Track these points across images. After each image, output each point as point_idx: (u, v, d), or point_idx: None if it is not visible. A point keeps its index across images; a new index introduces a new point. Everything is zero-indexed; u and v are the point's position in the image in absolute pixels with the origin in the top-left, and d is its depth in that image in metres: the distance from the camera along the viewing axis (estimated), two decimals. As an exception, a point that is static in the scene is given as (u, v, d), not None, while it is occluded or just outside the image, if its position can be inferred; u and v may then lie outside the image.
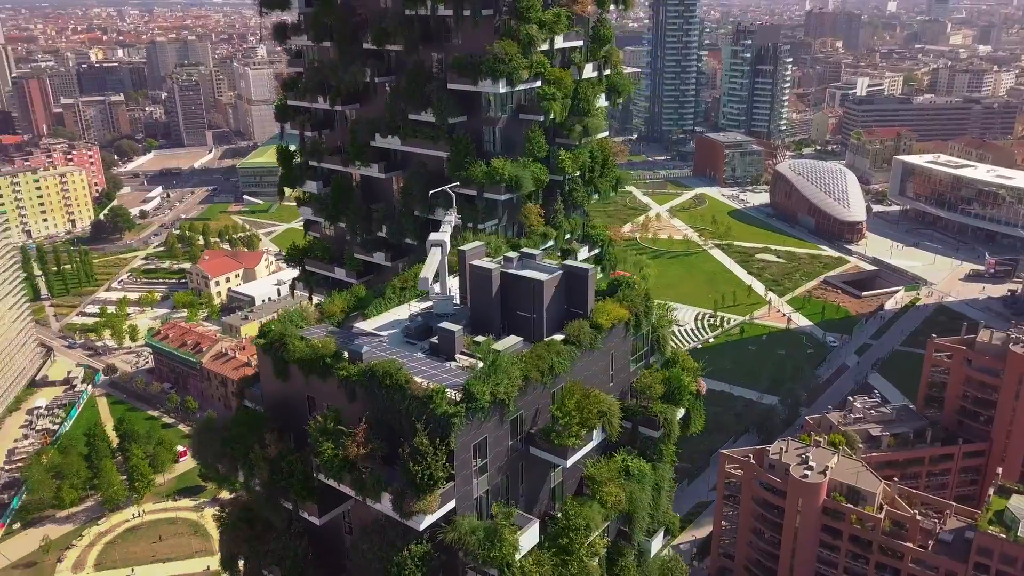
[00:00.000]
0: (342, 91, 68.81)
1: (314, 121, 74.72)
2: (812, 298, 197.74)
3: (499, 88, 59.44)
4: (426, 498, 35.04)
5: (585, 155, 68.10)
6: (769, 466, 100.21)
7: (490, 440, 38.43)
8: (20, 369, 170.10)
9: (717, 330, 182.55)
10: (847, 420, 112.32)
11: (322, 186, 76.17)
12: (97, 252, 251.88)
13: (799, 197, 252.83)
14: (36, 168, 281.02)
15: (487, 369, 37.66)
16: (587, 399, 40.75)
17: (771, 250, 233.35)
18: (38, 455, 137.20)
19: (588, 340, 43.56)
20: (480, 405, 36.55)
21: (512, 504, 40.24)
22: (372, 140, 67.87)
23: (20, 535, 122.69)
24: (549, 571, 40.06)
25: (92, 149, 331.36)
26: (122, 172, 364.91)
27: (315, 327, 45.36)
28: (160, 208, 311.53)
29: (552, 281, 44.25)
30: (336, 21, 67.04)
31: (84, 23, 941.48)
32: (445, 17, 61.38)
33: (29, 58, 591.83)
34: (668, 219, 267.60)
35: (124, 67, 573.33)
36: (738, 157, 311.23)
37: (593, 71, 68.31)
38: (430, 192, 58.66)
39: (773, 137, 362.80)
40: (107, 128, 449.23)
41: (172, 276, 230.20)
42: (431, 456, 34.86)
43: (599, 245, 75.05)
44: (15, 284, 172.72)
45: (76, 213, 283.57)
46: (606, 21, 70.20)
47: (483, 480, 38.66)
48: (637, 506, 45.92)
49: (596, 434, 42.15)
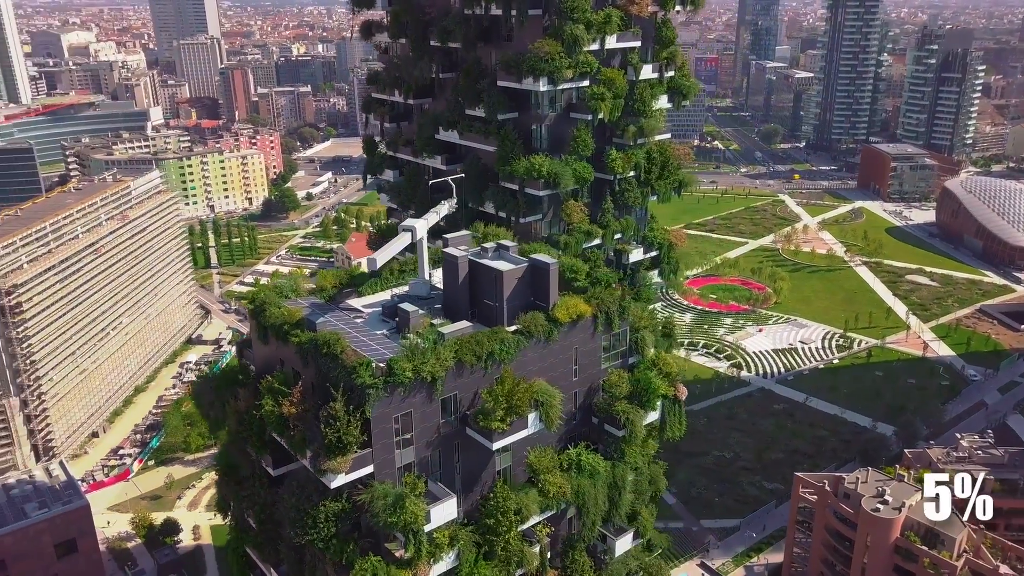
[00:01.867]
0: (413, 86, 72.90)
1: (393, 113, 79.06)
2: (960, 327, 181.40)
3: (540, 86, 60.92)
4: (336, 459, 38.08)
5: (640, 156, 68.08)
6: (844, 495, 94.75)
7: (416, 415, 40.80)
8: (180, 327, 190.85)
9: (845, 351, 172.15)
10: (949, 458, 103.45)
11: (398, 175, 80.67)
12: (264, 228, 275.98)
13: (966, 216, 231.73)
14: (223, 150, 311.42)
15: (413, 348, 40.07)
16: (519, 387, 42.00)
17: (925, 272, 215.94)
18: (178, 404, 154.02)
19: (541, 332, 44.87)
20: (400, 380, 39.02)
21: (435, 478, 42.38)
22: (436, 133, 71.27)
23: (153, 471, 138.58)
24: (466, 546, 41.85)
25: (274, 135, 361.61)
26: (300, 157, 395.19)
27: (305, 298, 49.61)
28: (326, 192, 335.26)
29: (514, 272, 45.87)
30: (410, 19, 71.09)
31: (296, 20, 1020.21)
32: (498, 16, 63.62)
33: (240, 51, 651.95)
34: (816, 232, 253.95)
35: (317, 61, 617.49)
36: (907, 171, 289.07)
37: (653, 72, 68.15)
38: (430, 182, 61.35)
39: (955, 152, 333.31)
40: (294, 116, 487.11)
41: (323, 255, 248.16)
42: (343, 421, 37.81)
43: (656, 248, 74.57)
44: (181, 252, 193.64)
45: (253, 192, 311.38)
46: (669, 22, 69.64)
47: (407, 452, 41.11)
48: (585, 500, 46.67)
49: (532, 422, 43.28)
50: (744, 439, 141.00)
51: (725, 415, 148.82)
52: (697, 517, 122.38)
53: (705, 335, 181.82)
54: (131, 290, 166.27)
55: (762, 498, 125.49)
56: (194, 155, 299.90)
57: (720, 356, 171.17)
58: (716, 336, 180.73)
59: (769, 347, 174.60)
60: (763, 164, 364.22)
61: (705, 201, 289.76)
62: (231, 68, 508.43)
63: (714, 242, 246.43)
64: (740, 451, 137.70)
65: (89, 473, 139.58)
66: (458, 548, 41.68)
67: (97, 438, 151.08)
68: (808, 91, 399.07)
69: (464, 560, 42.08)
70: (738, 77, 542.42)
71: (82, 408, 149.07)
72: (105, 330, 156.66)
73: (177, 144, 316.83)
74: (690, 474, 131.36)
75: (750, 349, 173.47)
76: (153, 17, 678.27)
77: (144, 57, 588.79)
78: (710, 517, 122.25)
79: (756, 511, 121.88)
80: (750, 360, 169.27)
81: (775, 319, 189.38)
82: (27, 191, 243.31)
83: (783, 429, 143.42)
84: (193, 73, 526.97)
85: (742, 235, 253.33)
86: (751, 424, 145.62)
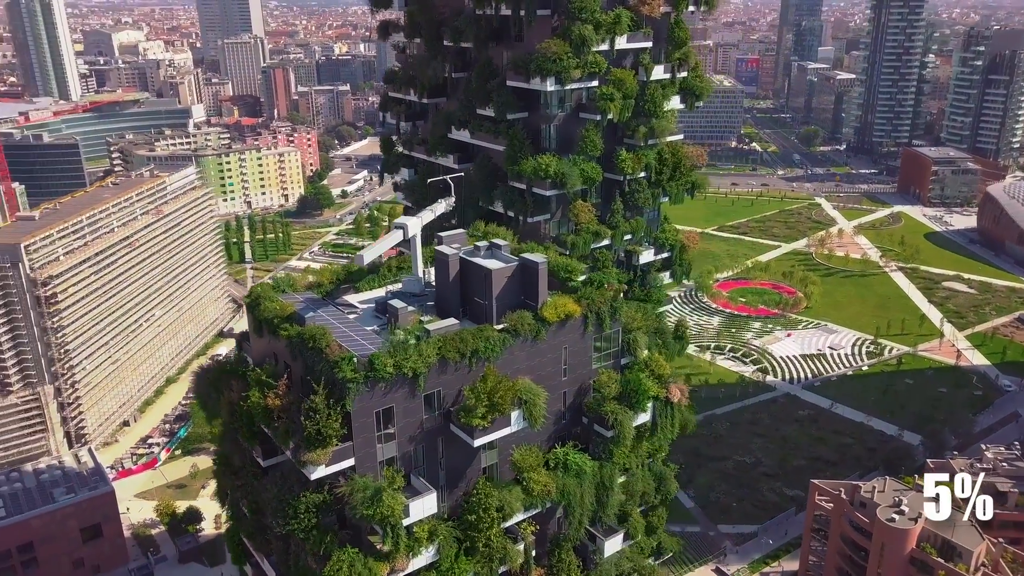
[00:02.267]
0: (427, 85, 73.53)
1: (409, 112, 79.72)
2: (996, 335, 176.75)
3: (548, 86, 61.06)
4: (316, 451, 38.80)
5: (650, 157, 67.82)
6: (860, 504, 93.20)
7: (398, 410, 41.35)
8: (212, 320, 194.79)
9: (875, 358, 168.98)
10: (972, 468, 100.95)
11: (413, 174, 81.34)
12: (299, 225, 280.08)
13: (1008, 222, 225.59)
14: (261, 147, 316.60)
15: (396, 343, 40.61)
16: (501, 384, 42.27)
17: (963, 279, 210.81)
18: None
19: (528, 330, 45.10)
20: (381, 375, 39.59)
21: (419, 473, 42.88)
22: (449, 132, 71.75)
23: (180, 460, 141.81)
24: (446, 541, 42.30)
25: (311, 133, 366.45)
26: (337, 155, 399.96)
27: (302, 293, 50.49)
28: (361, 189, 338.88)
29: (503, 271, 46.17)
30: (424, 19, 71.76)
31: (340, 19, 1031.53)
32: (508, 16, 63.92)
33: (283, 50, 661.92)
34: (852, 236, 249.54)
35: (357, 60, 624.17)
36: (948, 175, 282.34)
37: (665, 73, 67.85)
38: (428, 180, 61.81)
39: (1001, 156, 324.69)
40: (333, 115, 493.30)
41: (354, 251, 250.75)
42: (323, 414, 38.52)
43: (667, 249, 74.15)
44: (215, 246, 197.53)
45: (289, 189, 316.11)
46: (682, 23, 69.18)
47: (390, 446, 41.68)
48: (571, 500, 46.76)
49: (515, 420, 43.54)
50: (767, 445, 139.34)
51: (749, 420, 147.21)
52: (714, 522, 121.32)
53: (732, 339, 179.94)
54: (165, 283, 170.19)
55: (782, 505, 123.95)
56: (232, 152, 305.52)
57: (747, 360, 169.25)
58: (743, 340, 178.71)
59: (797, 352, 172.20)
60: (801, 167, 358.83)
61: (740, 203, 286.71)
62: (273, 67, 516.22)
63: (747, 245, 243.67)
64: (762, 456, 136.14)
65: (119, 461, 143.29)
66: (438, 543, 42.15)
67: (128, 427, 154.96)
68: (850, 93, 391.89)
69: (444, 555, 42.55)
70: (779, 78, 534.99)
71: (114, 397, 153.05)
72: (138, 322, 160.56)
73: (217, 141, 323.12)
74: (710, 478, 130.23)
75: (777, 354, 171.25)
76: (199, 17, 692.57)
77: (191, 56, 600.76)
78: (728, 522, 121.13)
79: (775, 517, 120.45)
80: (777, 365, 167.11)
81: (805, 324, 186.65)
82: (72, 185, 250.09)
83: (807, 435, 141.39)
84: (236, 72, 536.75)
85: (775, 238, 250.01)
86: (774, 430, 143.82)
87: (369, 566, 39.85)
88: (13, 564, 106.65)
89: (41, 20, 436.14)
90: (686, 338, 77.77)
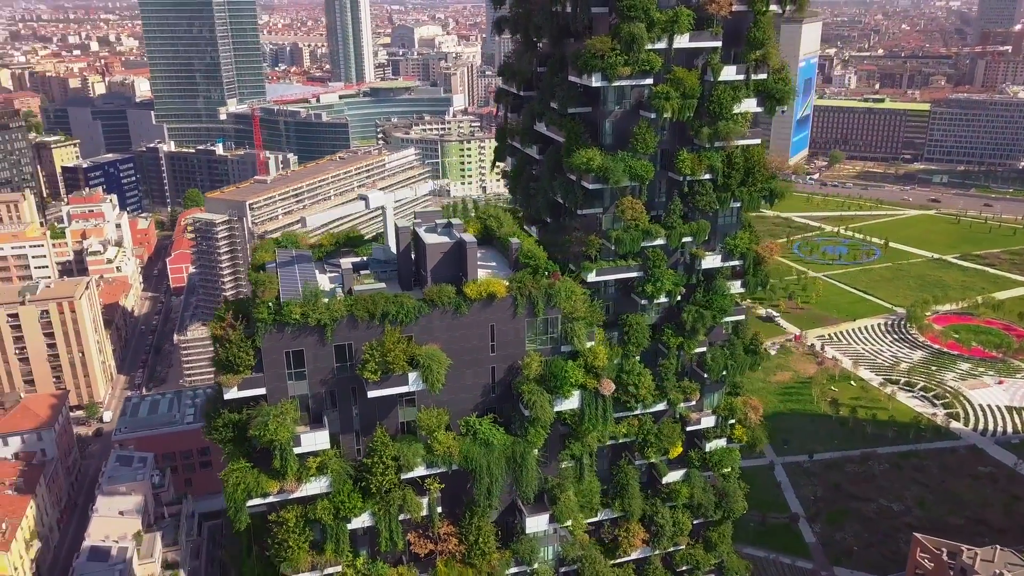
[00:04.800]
0: (521, 79, 78.26)
1: (514, 104, 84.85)
2: None
3: (594, 82, 63.09)
4: (227, 376, 46.14)
5: (715, 159, 66.81)
6: (960, 570, 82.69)
7: (308, 355, 47.35)
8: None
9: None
10: None
11: (514, 163, 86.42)
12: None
13: None
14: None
15: (307, 294, 46.63)
16: (397, 345, 46.49)
17: None
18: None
19: (448, 303, 48.86)
20: (287, 320, 45.89)
21: (334, 415, 48.45)
22: (534, 124, 75.89)
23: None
24: (338, 475, 47.71)
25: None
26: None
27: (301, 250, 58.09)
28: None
29: (439, 246, 50.59)
30: (520, 15, 76.50)
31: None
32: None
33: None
34: None
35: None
36: None
37: (738, 74, 66.29)
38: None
39: None
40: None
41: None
42: (236, 345, 45.80)
43: (738, 257, 72.00)
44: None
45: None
46: (760, 23, 66.71)
47: (300, 384, 47.88)
48: (477, 467, 49.84)
49: (413, 380, 47.41)
50: (925, 495, 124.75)
51: (914, 465, 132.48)
52: (832, 563, 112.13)
53: (928, 376, 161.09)
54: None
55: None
56: (474, 139, 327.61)
57: (936, 402, 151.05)
58: (938, 379, 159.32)
59: (1004, 402, 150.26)
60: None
61: (999, 232, 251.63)
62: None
63: (988, 278, 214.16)
64: (914, 507, 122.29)
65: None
66: (330, 475, 47.55)
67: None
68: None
69: (337, 488, 47.85)
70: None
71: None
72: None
73: (469, 129, 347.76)
74: (843, 517, 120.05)
75: (977, 401, 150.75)
76: (487, 12, 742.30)
77: (480, 51, 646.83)
78: (847, 566, 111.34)
79: (900, 572, 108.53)
80: (972, 412, 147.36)
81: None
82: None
83: (978, 494, 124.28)
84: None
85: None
86: (940, 480, 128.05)
87: (259, 479, 46.42)
88: (193, 463, 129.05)
89: (349, 14, 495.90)
90: (760, 353, 75.57)
